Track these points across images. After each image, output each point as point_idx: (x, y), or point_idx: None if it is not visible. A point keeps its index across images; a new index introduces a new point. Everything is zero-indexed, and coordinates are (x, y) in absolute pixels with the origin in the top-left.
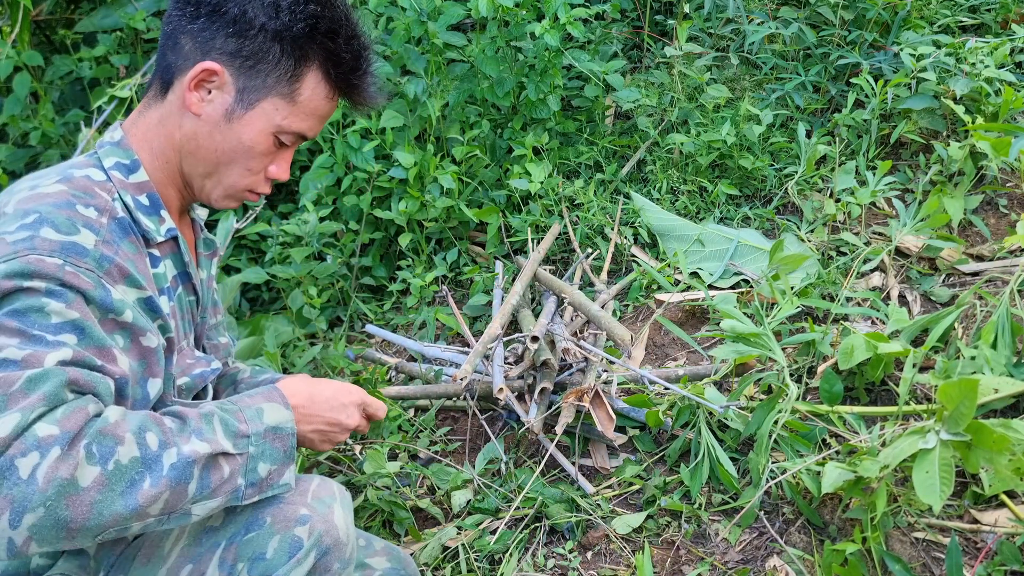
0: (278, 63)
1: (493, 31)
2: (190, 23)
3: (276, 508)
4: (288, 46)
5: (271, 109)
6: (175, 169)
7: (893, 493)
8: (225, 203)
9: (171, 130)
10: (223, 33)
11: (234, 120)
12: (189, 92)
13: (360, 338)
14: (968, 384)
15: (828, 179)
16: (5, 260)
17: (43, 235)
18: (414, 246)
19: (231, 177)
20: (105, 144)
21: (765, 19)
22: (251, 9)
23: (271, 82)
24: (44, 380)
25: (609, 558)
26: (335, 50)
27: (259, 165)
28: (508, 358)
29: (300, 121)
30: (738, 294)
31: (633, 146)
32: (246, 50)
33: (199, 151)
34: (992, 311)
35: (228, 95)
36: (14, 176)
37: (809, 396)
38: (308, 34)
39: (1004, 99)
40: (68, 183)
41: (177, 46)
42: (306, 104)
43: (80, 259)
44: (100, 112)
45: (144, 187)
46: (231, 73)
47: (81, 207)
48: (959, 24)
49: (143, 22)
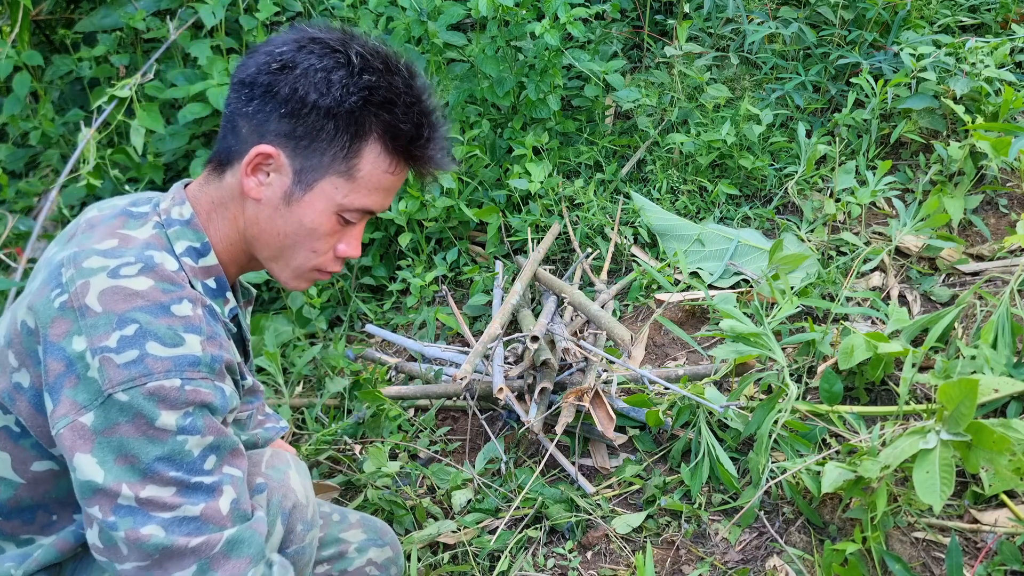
0: (333, 140)
1: (493, 31)
2: (245, 105)
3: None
4: (342, 122)
5: (330, 188)
6: (239, 250)
7: (893, 493)
8: (296, 284)
9: (234, 213)
10: (276, 114)
11: (293, 203)
12: (246, 177)
13: (360, 338)
14: (968, 384)
15: (828, 179)
16: (125, 389)
17: (151, 352)
18: (414, 246)
19: (297, 259)
20: (175, 223)
21: (765, 19)
22: (302, 87)
23: (327, 160)
24: (243, 543)
25: (609, 558)
26: (392, 121)
27: (325, 246)
28: (508, 358)
29: (363, 198)
30: (738, 294)
31: (633, 146)
32: (300, 130)
33: (262, 235)
34: (992, 311)
35: (286, 177)
36: (14, 176)
37: (809, 396)
38: (362, 107)
39: (1004, 99)
40: (152, 274)
41: (235, 129)
42: (367, 180)
43: (195, 371)
44: (100, 112)
45: (212, 271)
46: (287, 155)
47: (175, 306)
48: (959, 24)
49: (143, 22)
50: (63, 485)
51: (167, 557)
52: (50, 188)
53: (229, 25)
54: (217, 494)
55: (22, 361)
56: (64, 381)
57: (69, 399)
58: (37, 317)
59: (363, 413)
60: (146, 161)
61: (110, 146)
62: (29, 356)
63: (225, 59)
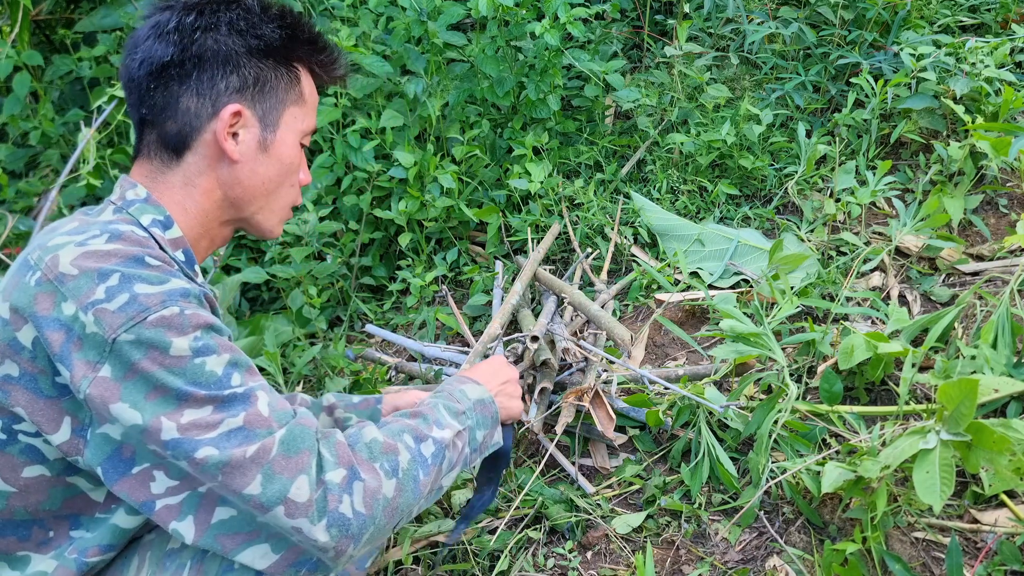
0: (276, 76)
1: (493, 31)
2: (181, 84)
3: None
4: (280, 57)
5: (291, 119)
6: (214, 222)
7: (893, 493)
8: (279, 229)
9: (207, 186)
10: (219, 75)
11: (269, 147)
12: (225, 142)
13: (360, 338)
14: (968, 384)
15: (828, 179)
16: (128, 329)
17: (141, 292)
18: (414, 246)
19: (280, 200)
20: (134, 202)
21: (765, 19)
22: (233, 42)
23: (281, 95)
24: (296, 439)
25: (609, 558)
26: (310, 44)
27: (297, 177)
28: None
29: (312, 118)
30: (738, 294)
31: (633, 146)
32: (249, 78)
33: (247, 191)
34: (992, 311)
35: (254, 128)
36: (14, 176)
37: (809, 396)
38: (289, 38)
39: (1004, 99)
40: (120, 241)
41: (178, 111)
42: (310, 101)
43: (186, 300)
44: (100, 112)
45: (179, 243)
46: (247, 106)
47: (149, 258)
48: (959, 24)
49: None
50: (56, 495)
51: (229, 474)
52: (50, 188)
53: None
54: (253, 400)
55: (4, 353)
56: (70, 347)
57: (81, 361)
58: (16, 303)
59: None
60: None
61: (110, 146)
62: (9, 346)
63: None
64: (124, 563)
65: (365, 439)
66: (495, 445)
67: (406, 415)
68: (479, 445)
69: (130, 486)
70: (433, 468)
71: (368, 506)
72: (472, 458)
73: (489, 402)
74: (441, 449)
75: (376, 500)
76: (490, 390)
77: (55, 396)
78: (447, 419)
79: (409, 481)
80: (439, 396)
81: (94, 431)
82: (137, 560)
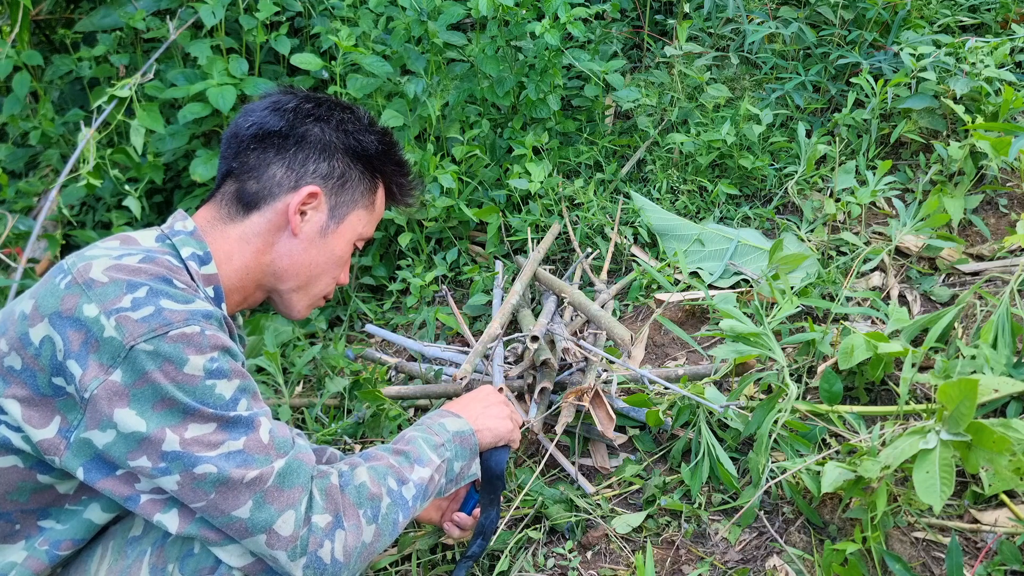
0: (360, 179)
1: (493, 30)
2: (277, 154)
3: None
4: (367, 164)
5: (356, 221)
6: (252, 282)
7: (893, 493)
8: (305, 313)
9: (259, 248)
10: (312, 158)
11: (328, 235)
12: (295, 215)
13: (360, 338)
14: (968, 384)
15: (828, 179)
16: (148, 339)
17: (166, 307)
18: (414, 246)
19: (319, 287)
20: (179, 233)
21: (765, 19)
22: (329, 135)
23: (357, 196)
24: (293, 473)
25: (609, 558)
26: (397, 167)
27: (340, 272)
28: (508, 358)
29: (372, 228)
30: (738, 294)
31: (633, 146)
32: (336, 171)
33: (292, 267)
34: (992, 311)
35: (323, 214)
36: (14, 176)
37: (809, 396)
38: (382, 153)
39: (1004, 99)
40: (153, 263)
41: (264, 175)
42: (378, 213)
43: (209, 322)
44: (100, 112)
45: (212, 279)
46: (325, 193)
47: (178, 280)
48: (959, 24)
49: (143, 22)
50: (25, 488)
51: (223, 494)
52: (50, 188)
53: (229, 25)
54: (256, 426)
55: (12, 345)
56: (87, 347)
57: (95, 362)
58: (40, 301)
59: (363, 413)
60: (146, 161)
61: (110, 146)
62: (20, 339)
63: (225, 59)
64: (88, 553)
65: (355, 482)
66: (471, 476)
67: (389, 450)
68: (455, 476)
69: (114, 484)
70: (412, 509)
71: (346, 555)
72: (447, 488)
73: (469, 434)
74: (421, 490)
75: (355, 549)
76: (471, 421)
77: (50, 395)
78: (428, 454)
79: (388, 526)
80: (419, 429)
81: (78, 435)
82: (100, 549)
